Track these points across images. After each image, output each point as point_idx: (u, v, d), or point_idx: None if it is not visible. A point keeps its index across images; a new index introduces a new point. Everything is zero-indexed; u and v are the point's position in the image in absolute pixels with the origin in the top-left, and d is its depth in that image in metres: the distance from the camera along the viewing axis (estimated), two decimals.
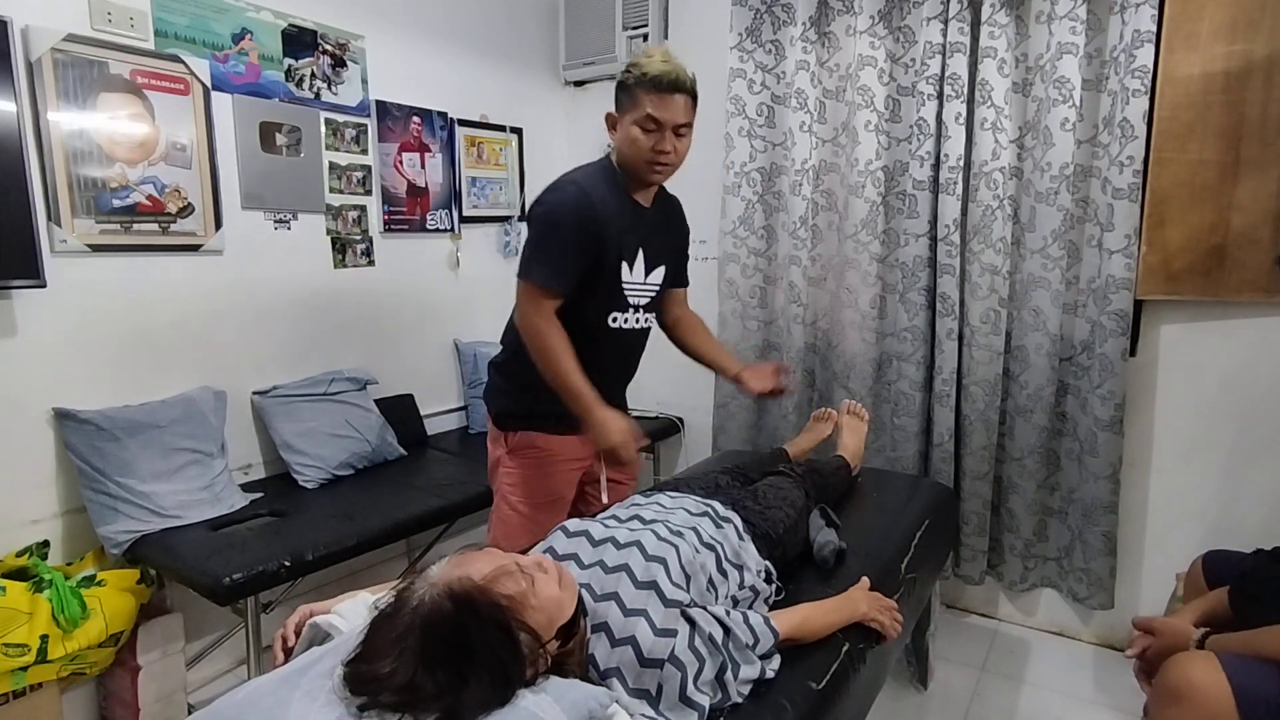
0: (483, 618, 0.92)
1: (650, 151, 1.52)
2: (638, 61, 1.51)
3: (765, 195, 2.64)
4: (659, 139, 1.51)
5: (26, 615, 1.61)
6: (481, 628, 0.91)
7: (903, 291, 2.41)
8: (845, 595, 1.40)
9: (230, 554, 1.78)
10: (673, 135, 1.52)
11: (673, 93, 1.50)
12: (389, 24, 2.60)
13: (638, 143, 1.51)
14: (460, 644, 0.89)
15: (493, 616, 0.93)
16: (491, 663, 0.90)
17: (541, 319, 1.51)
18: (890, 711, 2.04)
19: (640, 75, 1.49)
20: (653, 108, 1.49)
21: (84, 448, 1.87)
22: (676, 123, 1.52)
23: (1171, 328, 2.16)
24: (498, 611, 0.93)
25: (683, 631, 1.08)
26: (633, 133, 1.51)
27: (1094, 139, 2.16)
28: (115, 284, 1.99)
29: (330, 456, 2.31)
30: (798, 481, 1.74)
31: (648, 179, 1.58)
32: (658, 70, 1.48)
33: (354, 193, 2.55)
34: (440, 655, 0.88)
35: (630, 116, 1.51)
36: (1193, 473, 2.18)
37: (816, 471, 1.89)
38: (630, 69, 1.51)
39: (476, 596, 0.93)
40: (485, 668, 0.90)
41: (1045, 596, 2.45)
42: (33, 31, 1.78)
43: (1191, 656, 1.32)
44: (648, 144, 1.51)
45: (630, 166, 1.56)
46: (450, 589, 0.93)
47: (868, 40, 2.37)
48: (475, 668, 0.89)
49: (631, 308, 1.66)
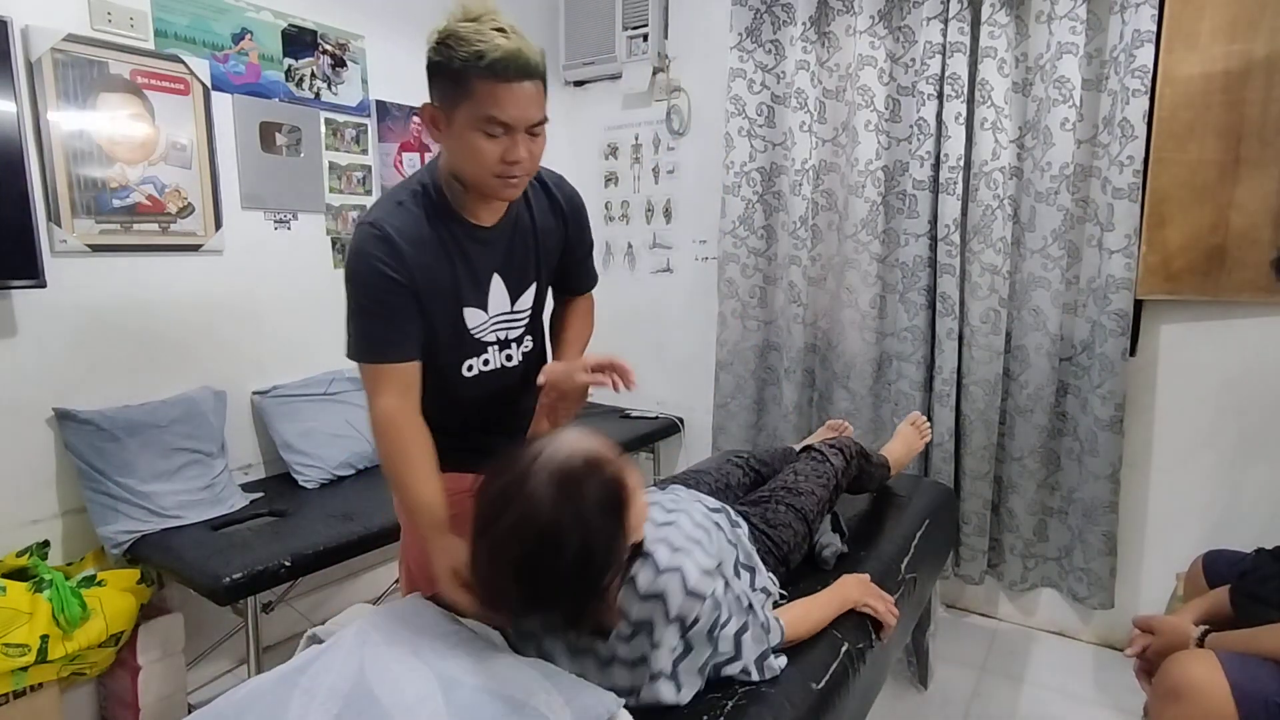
0: (606, 481, 0.94)
1: (498, 163, 1.12)
2: (460, 33, 1.07)
3: (765, 195, 2.64)
4: (509, 145, 1.12)
5: (27, 615, 1.61)
6: (603, 487, 0.94)
7: (903, 291, 2.41)
8: (834, 585, 1.40)
9: (230, 554, 1.78)
10: (526, 137, 1.13)
11: (521, 79, 1.09)
12: (389, 24, 2.60)
13: (479, 153, 1.11)
14: (578, 499, 0.92)
15: (614, 488, 0.95)
16: (598, 533, 0.92)
17: (386, 410, 1.18)
18: (890, 711, 2.04)
19: (473, 56, 1.06)
20: (495, 105, 1.08)
21: (84, 448, 1.87)
22: (530, 121, 1.12)
23: (1171, 327, 2.16)
24: (619, 487, 0.96)
25: (719, 584, 1.08)
26: (471, 140, 1.11)
27: (1094, 139, 2.16)
28: (115, 284, 1.99)
29: (330, 456, 2.31)
30: (830, 476, 1.60)
31: (498, 196, 1.20)
32: (499, 51, 1.06)
33: (354, 193, 2.55)
34: (560, 501, 0.91)
35: (465, 114, 1.10)
36: (1193, 472, 2.18)
37: (865, 456, 1.78)
38: (451, 43, 1.07)
39: (606, 465, 0.95)
40: (594, 533, 0.92)
41: (1045, 596, 2.45)
42: (33, 31, 1.79)
43: (1191, 655, 1.32)
44: (494, 153, 1.11)
45: (467, 180, 1.18)
46: (586, 451, 0.95)
47: (868, 40, 2.37)
48: (585, 530, 0.91)
49: (494, 345, 1.34)
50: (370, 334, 1.20)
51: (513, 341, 1.37)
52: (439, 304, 1.24)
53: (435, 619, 1.13)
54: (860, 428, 2.53)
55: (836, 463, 1.64)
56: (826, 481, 1.60)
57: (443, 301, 1.24)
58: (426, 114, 1.16)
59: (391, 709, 0.90)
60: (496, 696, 0.93)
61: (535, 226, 1.34)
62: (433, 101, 1.15)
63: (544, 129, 1.16)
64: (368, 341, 1.20)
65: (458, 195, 1.23)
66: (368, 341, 1.20)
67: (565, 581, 0.94)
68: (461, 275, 1.25)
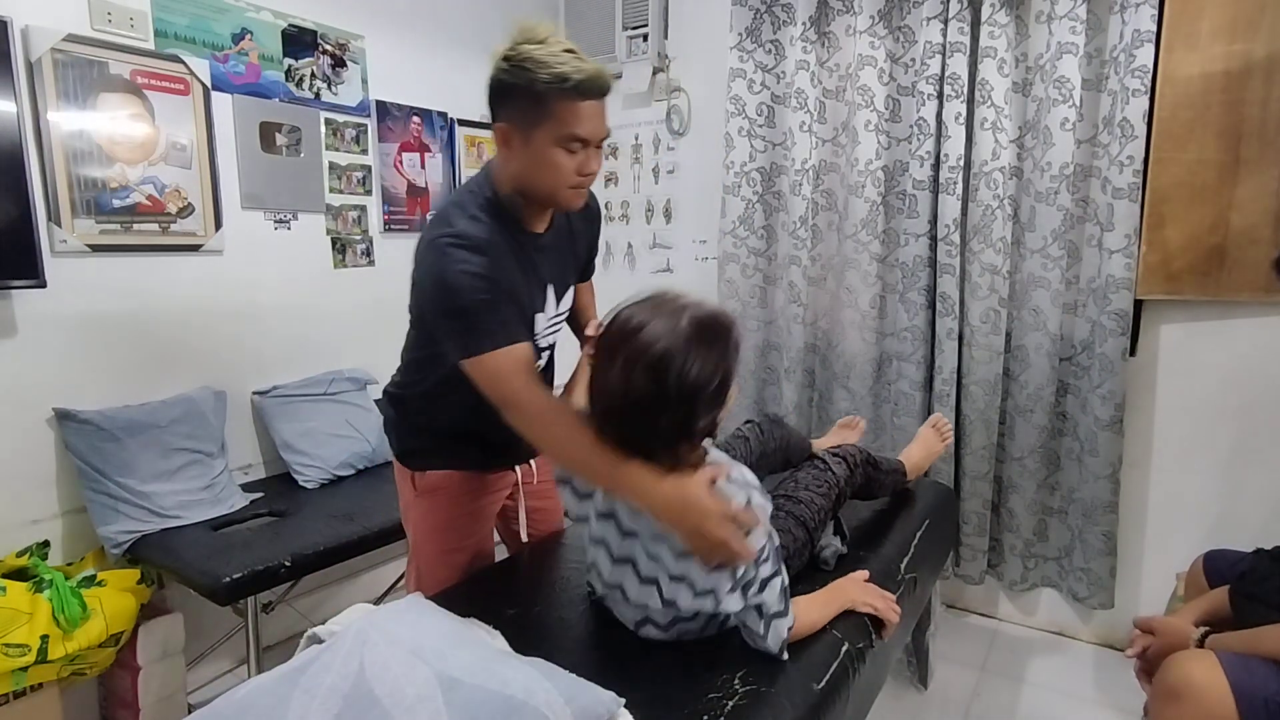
0: (729, 350, 1.09)
1: (575, 176, 1.20)
2: (538, 58, 1.14)
3: (765, 195, 2.64)
4: (585, 160, 1.20)
5: (27, 615, 1.61)
6: (726, 352, 1.08)
7: (903, 291, 2.41)
8: (833, 585, 1.40)
9: (230, 554, 1.78)
10: (596, 150, 1.22)
11: (599, 99, 1.18)
12: (389, 24, 2.60)
13: (559, 169, 1.19)
14: (720, 344, 1.07)
15: (731, 359, 1.10)
16: (710, 378, 1.06)
17: (513, 387, 1.18)
18: (890, 711, 2.04)
19: (556, 79, 1.14)
20: (578, 124, 1.16)
21: (84, 448, 1.87)
22: (602, 136, 1.21)
23: (1171, 327, 2.16)
24: (732, 363, 1.10)
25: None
26: (553, 156, 1.18)
27: (1094, 139, 2.16)
28: (115, 284, 1.99)
29: (330, 456, 2.31)
30: (833, 485, 1.58)
31: (567, 206, 1.27)
32: (579, 74, 1.14)
33: (354, 193, 2.55)
34: (704, 339, 1.05)
35: (547, 133, 1.17)
36: (1193, 472, 2.18)
37: (873, 464, 1.74)
38: (529, 66, 1.14)
39: (734, 342, 1.10)
40: (707, 374, 1.05)
41: (1045, 596, 2.45)
42: (33, 31, 1.79)
43: (1191, 656, 1.32)
44: (571, 167, 1.19)
45: (536, 193, 1.24)
46: (730, 321, 1.11)
47: (868, 40, 2.37)
48: (703, 366, 1.05)
49: (545, 350, 1.44)
50: (485, 326, 1.18)
51: (555, 333, 1.45)
52: (521, 301, 1.27)
53: (435, 619, 1.13)
54: None
55: (839, 471, 1.62)
56: (827, 491, 1.58)
57: (519, 308, 1.26)
58: (500, 134, 1.21)
59: (391, 709, 0.90)
60: (496, 696, 0.93)
61: (573, 231, 1.42)
62: (505, 121, 1.20)
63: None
64: (485, 332, 1.18)
65: (518, 206, 1.28)
66: (485, 332, 1.18)
67: (668, 402, 1.05)
68: (531, 283, 1.30)
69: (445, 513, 1.46)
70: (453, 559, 1.49)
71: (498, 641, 1.15)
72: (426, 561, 1.49)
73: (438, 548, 1.48)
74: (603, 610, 1.38)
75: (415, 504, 1.48)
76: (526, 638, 1.23)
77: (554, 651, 1.12)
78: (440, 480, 1.44)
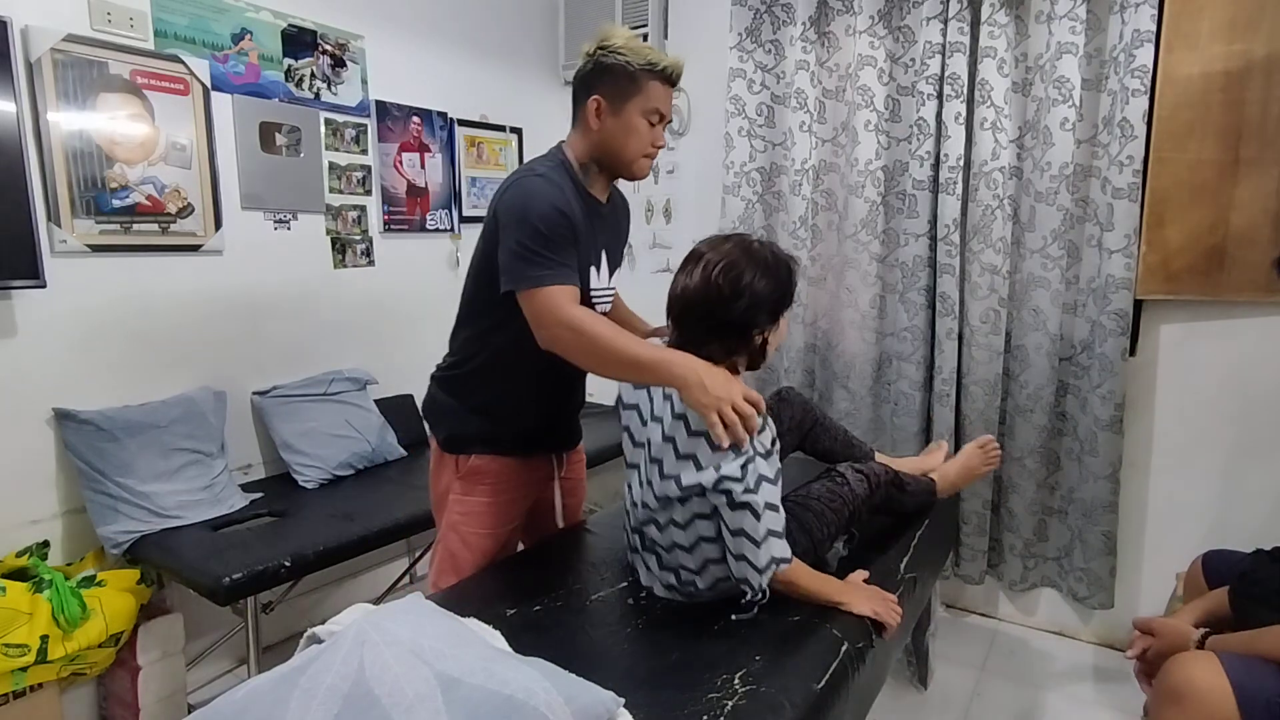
0: (789, 280, 1.35)
1: (650, 146, 1.46)
2: (636, 48, 1.41)
3: (765, 195, 2.64)
4: (658, 134, 1.46)
5: (27, 615, 1.61)
6: (788, 281, 1.35)
7: (902, 291, 2.41)
8: (843, 582, 1.42)
9: (230, 554, 1.78)
10: (663, 129, 1.49)
11: (673, 86, 1.46)
12: (389, 24, 2.60)
13: (640, 134, 1.43)
14: (780, 273, 1.34)
15: (790, 289, 1.36)
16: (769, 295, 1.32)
17: (568, 310, 1.31)
18: (890, 711, 2.04)
19: (650, 64, 1.40)
20: (660, 101, 1.43)
21: (84, 448, 1.87)
22: (669, 118, 1.49)
23: (1171, 327, 2.16)
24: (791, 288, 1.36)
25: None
26: (637, 123, 1.42)
27: (1094, 139, 2.16)
28: (115, 284, 1.99)
29: (330, 456, 2.31)
30: (848, 501, 1.56)
31: (639, 173, 1.50)
32: (669, 63, 1.42)
33: (354, 193, 2.55)
34: (769, 265, 1.33)
35: (636, 105, 1.41)
36: (1192, 473, 2.18)
37: (898, 485, 1.72)
38: (629, 53, 1.40)
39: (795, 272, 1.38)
40: (767, 291, 1.31)
41: (1045, 596, 2.45)
42: (32, 31, 1.79)
43: (1192, 657, 1.32)
44: (649, 137, 1.45)
45: (619, 159, 1.46)
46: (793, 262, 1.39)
47: (867, 40, 2.37)
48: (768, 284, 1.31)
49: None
50: (550, 257, 1.33)
51: (605, 313, 1.54)
52: (580, 253, 1.42)
53: (435, 619, 1.12)
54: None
55: (858, 489, 1.59)
56: (840, 506, 1.55)
57: (584, 252, 1.43)
58: (593, 105, 1.42)
59: (391, 709, 0.90)
60: (496, 696, 0.93)
61: (619, 219, 1.62)
62: (599, 94, 1.42)
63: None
64: (550, 265, 1.33)
65: (589, 172, 1.48)
66: (550, 265, 1.33)
67: (733, 305, 1.30)
68: (589, 236, 1.46)
69: (483, 497, 1.54)
70: (482, 544, 1.56)
71: (498, 641, 1.15)
72: (457, 544, 1.56)
73: (471, 530, 1.55)
74: (603, 610, 1.39)
75: (455, 487, 1.56)
76: (526, 638, 1.23)
77: (554, 651, 1.12)
78: (482, 464, 1.53)
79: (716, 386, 1.21)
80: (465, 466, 1.54)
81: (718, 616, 1.36)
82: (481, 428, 1.53)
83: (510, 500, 1.58)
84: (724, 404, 1.19)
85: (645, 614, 1.39)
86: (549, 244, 1.33)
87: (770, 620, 1.34)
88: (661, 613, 1.39)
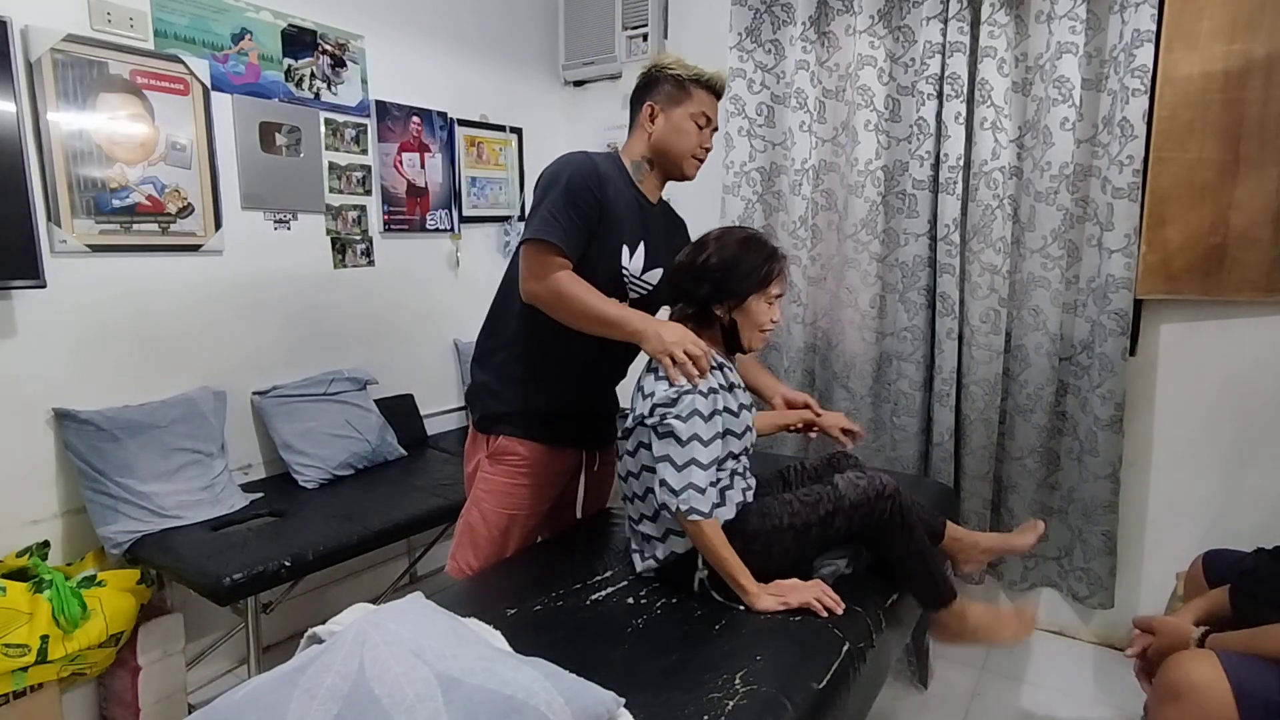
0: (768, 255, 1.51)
1: (698, 147, 1.61)
2: (683, 62, 1.60)
3: (765, 195, 2.64)
4: (706, 136, 1.62)
5: (27, 616, 1.61)
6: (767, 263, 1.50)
7: (902, 291, 2.41)
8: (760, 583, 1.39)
9: (230, 554, 1.78)
10: (710, 135, 1.64)
11: (719, 97, 1.64)
12: (389, 24, 2.60)
13: (689, 135, 1.59)
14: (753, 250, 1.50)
15: (771, 271, 1.50)
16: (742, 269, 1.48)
17: (554, 272, 1.45)
18: (890, 711, 2.04)
19: (697, 75, 1.59)
20: (708, 107, 1.60)
21: (84, 448, 1.87)
22: (715, 125, 1.65)
23: (1171, 327, 2.16)
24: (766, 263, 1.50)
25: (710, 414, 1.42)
26: (686, 125, 1.59)
27: (1094, 138, 2.16)
28: (115, 284, 1.99)
29: (330, 456, 2.31)
30: (827, 500, 1.47)
31: (687, 172, 1.65)
32: (714, 75, 1.61)
33: (354, 193, 2.55)
34: (742, 242, 1.50)
35: (685, 109, 1.59)
36: (1193, 472, 2.18)
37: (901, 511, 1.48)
38: (678, 66, 1.59)
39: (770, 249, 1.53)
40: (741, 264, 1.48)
41: (1045, 596, 2.45)
42: (32, 31, 1.79)
43: (1191, 655, 1.32)
44: (697, 139, 1.60)
45: (671, 157, 1.61)
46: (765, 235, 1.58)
47: (867, 40, 2.37)
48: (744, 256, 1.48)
49: (629, 301, 1.61)
50: (561, 224, 1.46)
51: (638, 303, 1.63)
52: (612, 230, 1.54)
53: (435, 619, 1.13)
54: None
55: (848, 492, 1.46)
56: (815, 502, 1.46)
57: (615, 226, 1.54)
58: (648, 110, 1.60)
59: (391, 709, 0.90)
60: (496, 696, 0.93)
61: (669, 229, 1.74)
62: (653, 100, 1.60)
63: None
64: (555, 227, 1.45)
65: (640, 172, 1.63)
66: (555, 227, 1.45)
67: (684, 274, 1.50)
68: (627, 220, 1.58)
69: (506, 477, 1.64)
70: (500, 521, 1.65)
71: (498, 641, 1.15)
72: (476, 518, 1.66)
73: (491, 506, 1.65)
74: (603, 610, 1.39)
75: (483, 465, 1.66)
76: (526, 638, 1.23)
77: (554, 651, 1.12)
78: (510, 445, 1.63)
79: (668, 335, 1.40)
80: (494, 445, 1.64)
81: (718, 616, 1.36)
82: (511, 405, 1.62)
83: (533, 486, 1.65)
84: (675, 348, 1.38)
85: (645, 614, 1.39)
86: (570, 208, 1.47)
87: (771, 620, 1.34)
88: (662, 612, 1.39)
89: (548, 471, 1.66)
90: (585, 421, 1.71)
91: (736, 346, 1.54)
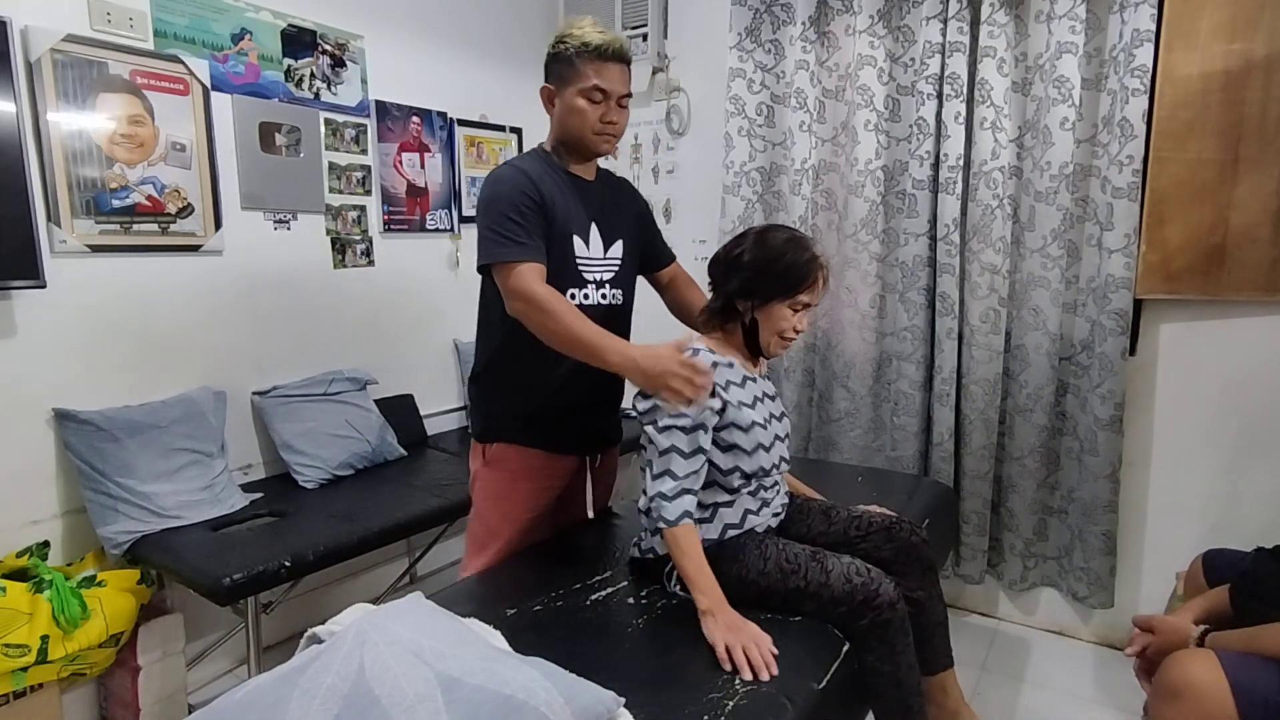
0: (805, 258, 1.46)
1: (599, 122, 1.51)
2: (571, 32, 1.50)
3: (765, 195, 2.64)
4: (606, 109, 1.51)
5: (27, 616, 1.61)
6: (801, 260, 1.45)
7: (902, 291, 2.41)
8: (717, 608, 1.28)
9: (230, 554, 1.78)
10: (617, 106, 1.52)
11: (617, 61, 1.50)
12: (389, 24, 2.60)
13: (584, 114, 1.50)
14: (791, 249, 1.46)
15: (805, 277, 1.45)
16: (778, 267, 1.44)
17: (529, 287, 1.40)
18: None
19: (581, 45, 1.48)
20: (598, 78, 1.48)
21: (84, 448, 1.87)
22: (620, 93, 1.52)
23: (1171, 327, 2.16)
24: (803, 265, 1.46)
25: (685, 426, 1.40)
26: (578, 103, 1.49)
27: (1093, 138, 2.16)
28: (115, 284, 1.99)
29: (330, 456, 2.31)
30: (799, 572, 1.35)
31: (596, 150, 1.57)
32: (599, 39, 1.48)
33: (354, 193, 2.55)
34: (781, 241, 1.46)
35: (574, 88, 1.50)
36: (1193, 472, 2.18)
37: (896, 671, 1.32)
38: (565, 40, 1.50)
39: (809, 252, 1.48)
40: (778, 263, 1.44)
41: (1045, 596, 2.45)
42: (32, 32, 1.79)
43: (1191, 654, 1.32)
44: (595, 115, 1.50)
45: (574, 139, 1.54)
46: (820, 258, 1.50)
47: (867, 40, 2.37)
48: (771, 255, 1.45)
49: (592, 284, 1.60)
50: (514, 238, 1.44)
51: (607, 282, 1.62)
52: (558, 224, 1.51)
53: (435, 619, 1.13)
54: (860, 428, 2.53)
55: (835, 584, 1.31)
56: (792, 572, 1.35)
57: (562, 222, 1.52)
58: (544, 94, 1.55)
59: (391, 709, 0.90)
60: (496, 696, 0.93)
61: (617, 197, 1.69)
62: (549, 82, 1.54)
63: (628, 103, 1.55)
64: (514, 245, 1.44)
65: (563, 157, 1.59)
66: (514, 245, 1.44)
67: (720, 264, 1.51)
68: (572, 209, 1.55)
69: (503, 484, 1.65)
70: (501, 527, 1.65)
71: (498, 641, 1.15)
72: (479, 528, 1.68)
73: (490, 513, 1.66)
74: (603, 609, 1.39)
75: (481, 473, 1.67)
76: (526, 638, 1.23)
77: (554, 651, 1.12)
78: (506, 453, 1.63)
79: (650, 368, 1.32)
80: (490, 453, 1.65)
81: None
82: (504, 415, 1.63)
83: (530, 491, 1.65)
84: (664, 379, 1.31)
85: (646, 613, 1.39)
86: (512, 225, 1.44)
87: (771, 620, 1.34)
88: (662, 612, 1.39)
89: (546, 477, 1.66)
90: (581, 425, 1.68)
91: (757, 347, 1.51)
